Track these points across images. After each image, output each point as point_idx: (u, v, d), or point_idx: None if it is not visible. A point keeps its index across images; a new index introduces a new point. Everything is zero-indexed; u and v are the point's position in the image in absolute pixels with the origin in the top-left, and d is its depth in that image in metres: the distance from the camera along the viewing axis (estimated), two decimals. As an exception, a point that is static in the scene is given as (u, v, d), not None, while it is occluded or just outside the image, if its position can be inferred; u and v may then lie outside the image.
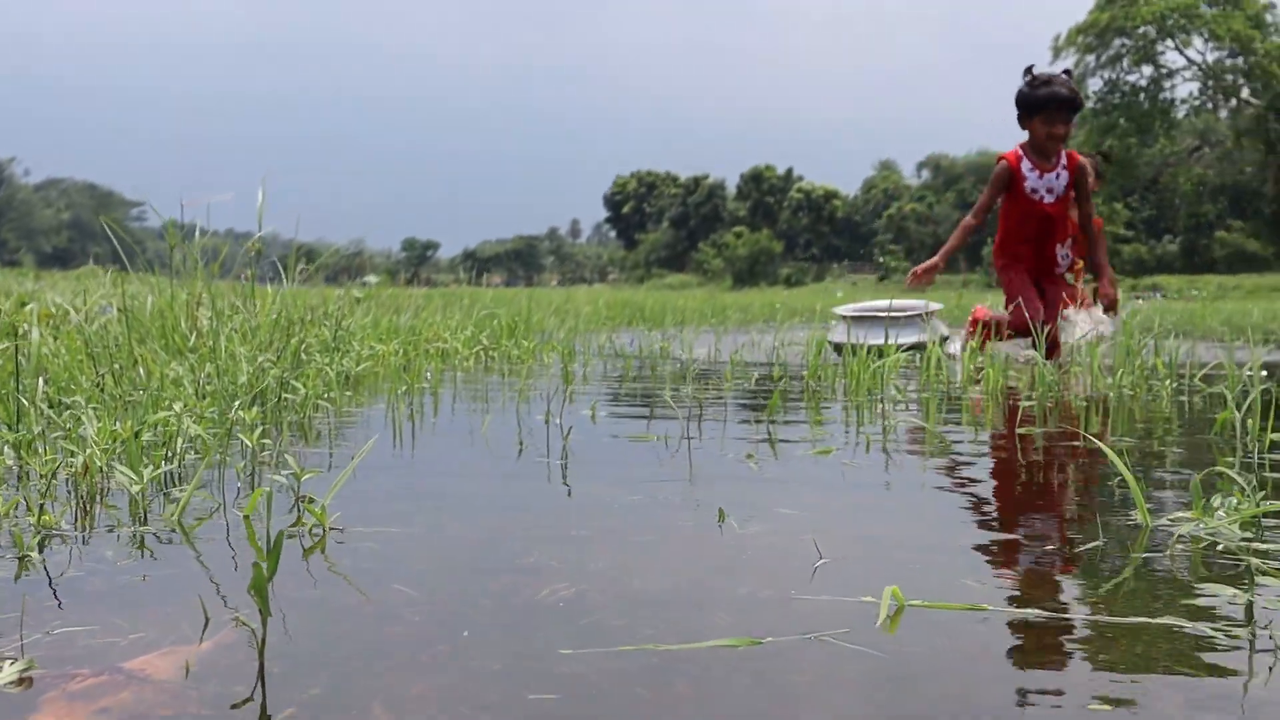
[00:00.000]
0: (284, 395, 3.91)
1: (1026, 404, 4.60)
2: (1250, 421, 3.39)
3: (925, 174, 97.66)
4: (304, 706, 1.26)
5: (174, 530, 2.13)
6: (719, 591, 1.75)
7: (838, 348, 6.90)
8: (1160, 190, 69.97)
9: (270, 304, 5.52)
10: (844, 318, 8.01)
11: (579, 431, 3.59)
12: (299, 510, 2.27)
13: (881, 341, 6.77)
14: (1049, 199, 7.52)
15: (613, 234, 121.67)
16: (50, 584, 1.74)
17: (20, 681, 1.31)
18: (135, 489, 2.25)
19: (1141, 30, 64.62)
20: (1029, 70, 7.55)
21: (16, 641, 1.45)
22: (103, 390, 3.62)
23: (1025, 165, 7.49)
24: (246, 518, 2.14)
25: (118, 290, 8.23)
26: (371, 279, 12.73)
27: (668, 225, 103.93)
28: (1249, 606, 1.69)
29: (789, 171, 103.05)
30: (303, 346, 4.71)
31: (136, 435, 2.71)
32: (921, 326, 7.77)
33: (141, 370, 3.94)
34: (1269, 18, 65.67)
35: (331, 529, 2.10)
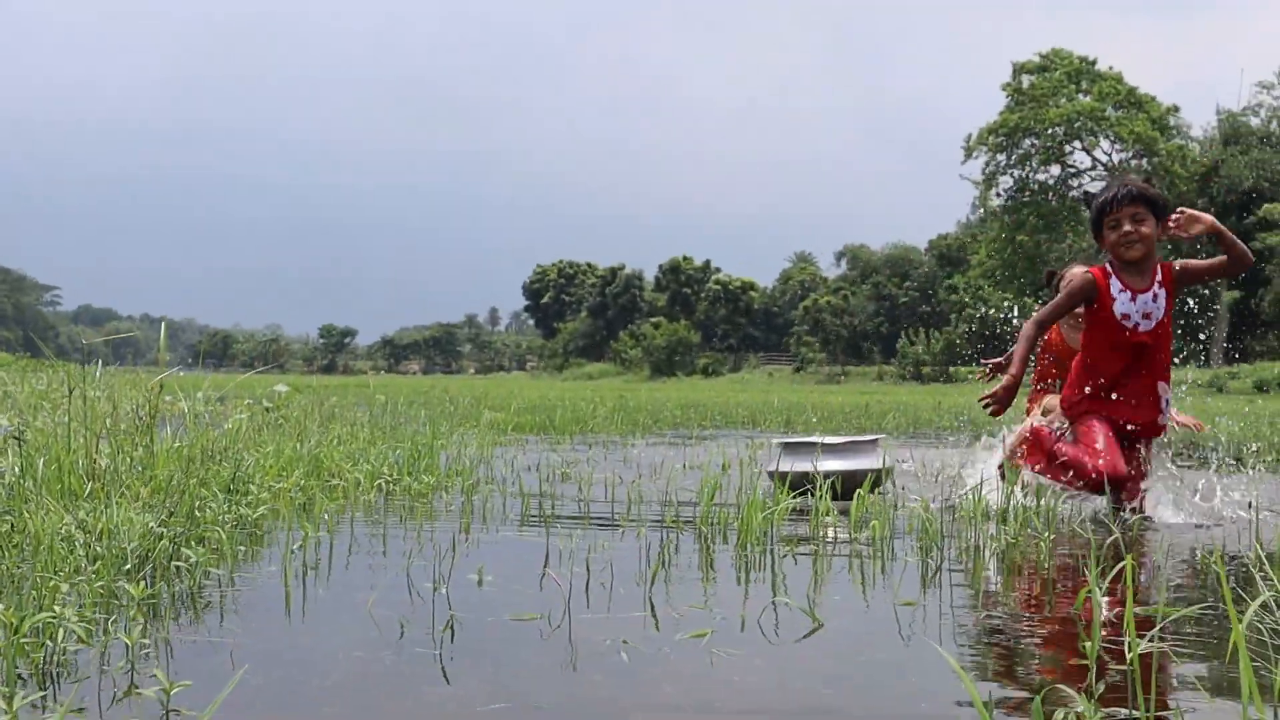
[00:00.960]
0: (174, 564, 3.95)
1: (910, 560, 4.72)
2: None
3: (843, 265, 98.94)
4: None
5: (46, 754, 2.17)
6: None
7: (780, 477, 6.50)
8: (1069, 286, 71.43)
9: (168, 450, 5.54)
10: (784, 446, 7.29)
11: (465, 601, 3.67)
12: (173, 724, 2.33)
13: (835, 467, 6.72)
14: (1145, 326, 6.06)
15: (531, 322, 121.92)
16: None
17: None
18: (7, 717, 2.29)
19: (1050, 131, 66.38)
20: (1088, 196, 6.52)
21: None
22: (-10, 560, 3.65)
23: (1115, 285, 6.10)
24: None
25: (31, 414, 8.20)
26: (281, 388, 12.71)
27: (586, 315, 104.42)
28: None
29: (707, 263, 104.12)
30: (196, 504, 4.73)
31: (17, 630, 2.76)
32: (873, 454, 7.12)
33: (32, 530, 3.96)
34: (1171, 120, 67.72)
35: (201, 758, 2.16)
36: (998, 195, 68.94)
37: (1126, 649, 2.58)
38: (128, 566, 3.83)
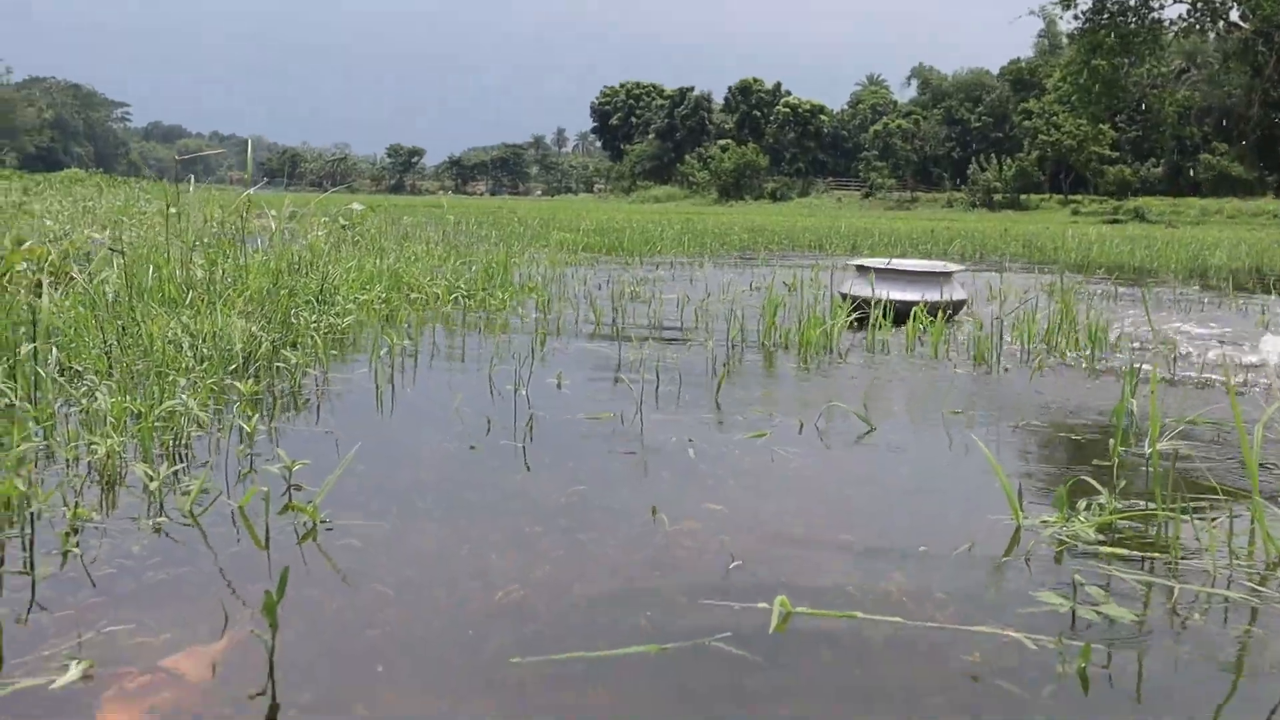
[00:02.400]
0: (275, 365, 4.26)
1: (960, 372, 4.96)
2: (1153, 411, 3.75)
3: (913, 88, 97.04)
4: (303, 709, 1.64)
5: (186, 518, 2.49)
6: (643, 595, 2.13)
7: (850, 299, 6.66)
8: (1146, 112, 69.96)
9: (258, 263, 5.83)
10: (860, 269, 7.42)
11: (544, 402, 3.96)
12: (290, 496, 2.64)
13: (903, 298, 6.80)
14: None
15: (598, 144, 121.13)
16: (90, 581, 2.11)
17: (84, 678, 1.68)
18: (153, 485, 2.61)
19: (1131, -51, 64.31)
20: None
21: (75, 639, 1.82)
22: (110, 357, 3.97)
23: None
24: (242, 511, 2.52)
25: (114, 228, 8.55)
26: (356, 207, 12.98)
27: (654, 137, 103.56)
28: (1072, 614, 2.07)
29: (777, 86, 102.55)
30: (293, 311, 5.04)
31: (145, 416, 3.09)
32: (941, 286, 7.08)
33: (143, 332, 4.28)
34: (1262, -62, 65.31)
35: (321, 522, 2.46)
36: (1075, 17, 67.13)
37: (1147, 447, 2.83)
38: (233, 367, 4.15)
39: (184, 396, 3.30)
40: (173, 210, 6.48)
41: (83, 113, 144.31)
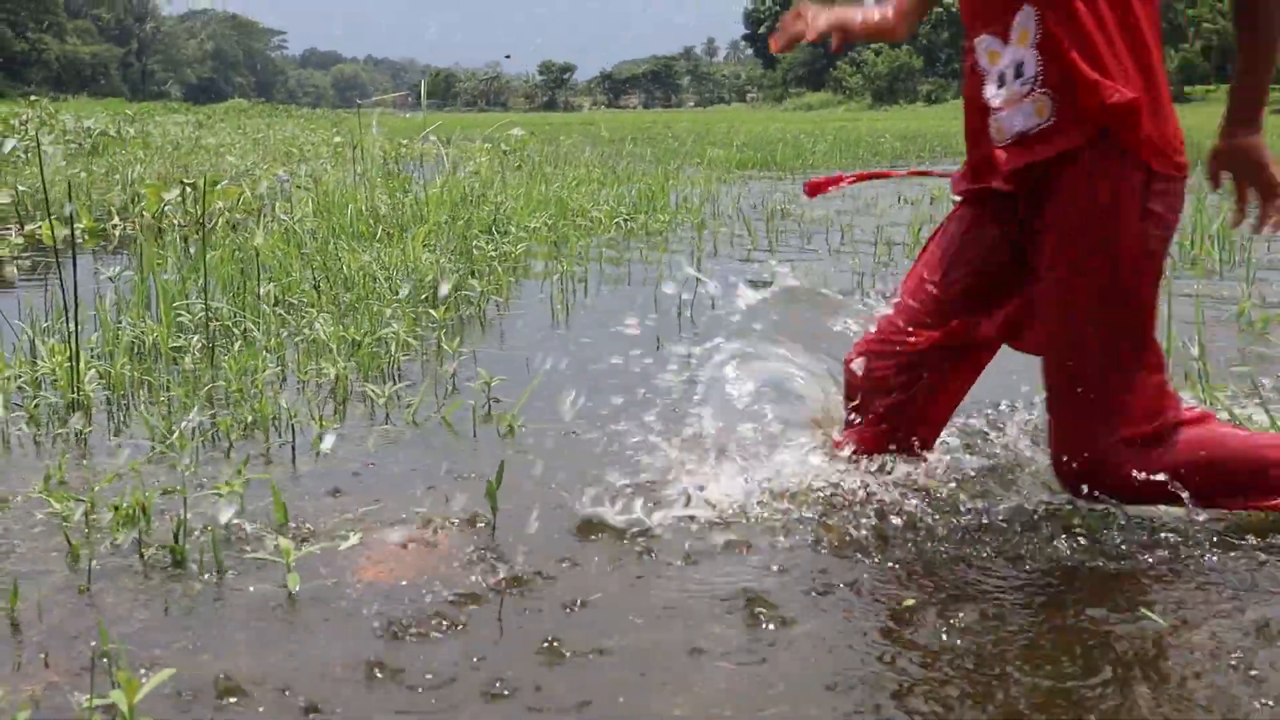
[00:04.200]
0: (463, 293, 4.78)
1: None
2: None
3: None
4: (518, 567, 2.12)
5: (408, 425, 3.00)
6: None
7: None
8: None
9: (435, 196, 6.34)
10: None
11: (705, 320, 4.42)
12: (490, 407, 3.13)
13: None
14: None
15: (750, 52, 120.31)
16: (342, 473, 2.63)
17: (360, 545, 2.18)
18: (382, 400, 3.13)
19: None
20: None
21: (350, 517, 2.33)
22: (319, 291, 4.53)
23: None
24: (446, 420, 3.02)
25: (290, 161, 9.18)
26: (518, 132, 13.51)
27: (806, 42, 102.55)
28: None
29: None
30: (473, 244, 5.55)
31: (360, 345, 3.62)
32: None
33: (344, 266, 4.82)
34: None
35: (519, 426, 2.95)
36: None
37: None
38: (424, 296, 4.68)
39: (393, 325, 3.82)
40: (354, 146, 7.04)
41: (242, 42, 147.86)
